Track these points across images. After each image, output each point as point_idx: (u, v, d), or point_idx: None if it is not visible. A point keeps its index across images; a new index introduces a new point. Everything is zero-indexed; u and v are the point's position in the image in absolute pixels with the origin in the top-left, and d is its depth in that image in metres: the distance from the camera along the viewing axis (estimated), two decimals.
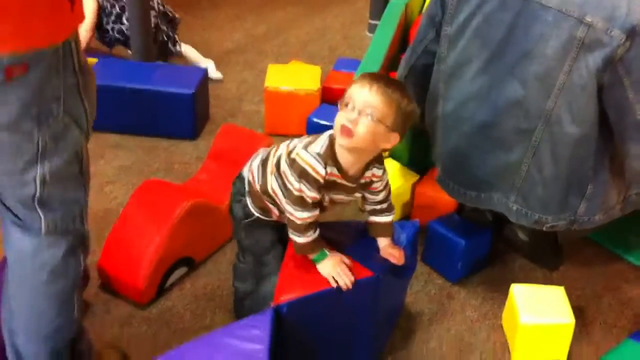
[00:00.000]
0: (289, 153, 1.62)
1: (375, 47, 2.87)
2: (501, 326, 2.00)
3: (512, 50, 1.77)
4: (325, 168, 1.56)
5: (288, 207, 1.62)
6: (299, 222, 1.61)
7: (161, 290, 2.03)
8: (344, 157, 1.59)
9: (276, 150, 1.70)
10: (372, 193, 1.72)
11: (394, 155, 2.43)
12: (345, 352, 1.79)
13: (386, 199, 1.74)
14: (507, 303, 1.98)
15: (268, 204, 1.72)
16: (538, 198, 1.87)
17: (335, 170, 1.60)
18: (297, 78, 2.81)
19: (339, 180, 1.62)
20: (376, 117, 1.53)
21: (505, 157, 1.87)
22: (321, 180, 1.57)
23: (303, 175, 1.56)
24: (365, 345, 1.82)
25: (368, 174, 1.66)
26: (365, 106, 1.53)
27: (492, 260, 2.22)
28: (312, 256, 1.66)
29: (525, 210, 1.91)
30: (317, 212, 1.62)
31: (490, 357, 1.92)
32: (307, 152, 1.57)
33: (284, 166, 1.62)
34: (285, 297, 1.64)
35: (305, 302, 1.65)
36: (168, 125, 2.72)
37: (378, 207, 1.74)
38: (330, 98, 2.76)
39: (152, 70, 2.84)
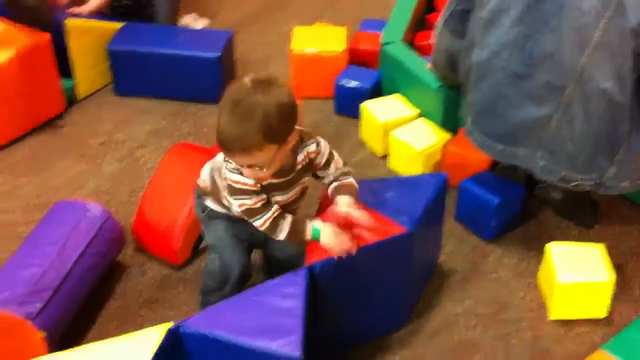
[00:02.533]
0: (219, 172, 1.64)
1: (401, 7, 2.83)
2: (537, 285, 1.99)
3: (550, 1, 1.72)
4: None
5: (238, 208, 1.60)
6: (255, 206, 1.57)
7: (196, 251, 2.04)
8: None
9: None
10: (321, 170, 1.67)
11: (426, 114, 2.40)
12: (379, 309, 1.78)
13: (340, 169, 1.69)
14: (543, 262, 1.96)
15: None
16: (566, 155, 1.84)
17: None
18: (322, 40, 2.77)
19: (276, 181, 1.58)
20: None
21: (536, 111, 1.83)
22: (254, 189, 1.56)
23: (236, 192, 1.56)
24: (399, 301, 1.82)
25: (301, 157, 1.61)
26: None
27: (527, 218, 2.19)
28: (308, 237, 1.62)
29: (552, 167, 1.88)
30: (264, 196, 1.58)
31: (526, 316, 1.90)
32: (229, 170, 1.56)
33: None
34: (318, 257, 1.63)
35: (338, 260, 1.64)
36: (195, 89, 2.70)
37: (339, 175, 1.69)
38: (357, 59, 2.72)
39: (177, 35, 2.82)
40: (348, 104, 2.59)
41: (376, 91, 2.58)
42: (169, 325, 1.47)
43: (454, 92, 2.25)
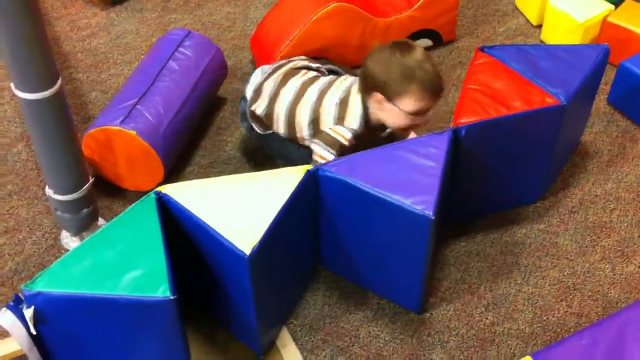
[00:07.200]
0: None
1: None
2: None
3: None
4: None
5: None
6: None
7: None
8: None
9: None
10: None
11: None
12: (517, 180, 1.76)
13: None
14: None
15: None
16: None
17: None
18: None
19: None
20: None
21: None
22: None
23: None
24: (538, 174, 1.78)
25: None
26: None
27: None
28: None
29: None
30: None
31: None
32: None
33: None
34: (464, 120, 1.60)
35: (484, 126, 1.60)
36: None
37: None
38: None
39: None
40: None
41: None
42: (309, 167, 1.51)
43: None
